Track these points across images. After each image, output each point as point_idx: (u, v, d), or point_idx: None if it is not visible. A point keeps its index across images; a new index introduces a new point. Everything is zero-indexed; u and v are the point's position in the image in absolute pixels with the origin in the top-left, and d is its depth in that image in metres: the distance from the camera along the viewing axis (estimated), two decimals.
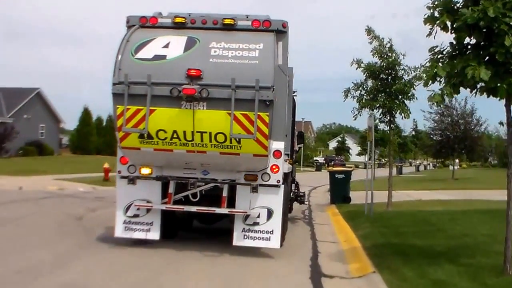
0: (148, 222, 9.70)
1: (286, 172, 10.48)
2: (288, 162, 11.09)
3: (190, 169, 9.63)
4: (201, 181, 9.64)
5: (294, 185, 14.92)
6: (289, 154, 11.52)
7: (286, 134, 10.44)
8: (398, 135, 17.99)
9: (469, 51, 7.53)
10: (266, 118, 8.65)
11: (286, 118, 10.35)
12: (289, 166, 11.34)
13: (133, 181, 9.68)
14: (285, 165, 10.04)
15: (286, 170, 10.42)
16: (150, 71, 8.71)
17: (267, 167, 9.46)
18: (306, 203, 17.01)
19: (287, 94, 10.55)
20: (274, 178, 9.52)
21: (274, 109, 8.85)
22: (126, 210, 9.72)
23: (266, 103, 8.62)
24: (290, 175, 12.44)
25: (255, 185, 9.47)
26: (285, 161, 10.08)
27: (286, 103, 10.41)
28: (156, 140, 8.86)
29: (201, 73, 8.68)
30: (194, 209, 9.66)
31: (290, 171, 12.05)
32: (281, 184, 9.59)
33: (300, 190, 15.89)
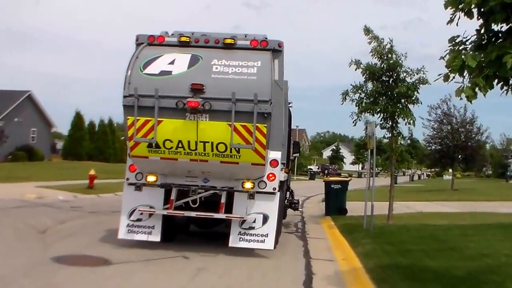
0: (150, 226, 10.25)
1: (282, 180, 11.05)
2: (284, 171, 11.79)
3: (192, 177, 10.25)
4: (201, 188, 10.25)
5: (289, 192, 15.49)
6: (285, 163, 12.12)
7: (282, 144, 11.06)
8: (401, 143, 16.55)
9: (500, 39, 6.18)
10: (264, 129, 9.30)
11: (282, 129, 10.93)
12: (285, 175, 11.95)
13: (139, 188, 10.30)
14: (281, 173, 10.59)
15: (282, 178, 10.99)
16: (157, 85, 9.38)
17: (264, 175, 10.03)
18: (300, 210, 17.42)
19: (283, 106, 11.15)
20: (271, 186, 10.12)
21: (272, 120, 9.50)
22: (130, 215, 10.28)
23: (264, 115, 9.28)
24: (285, 183, 13.03)
25: (252, 192, 10.03)
26: (281, 170, 10.67)
27: (283, 115, 11.00)
28: (163, 149, 9.50)
29: (203, 87, 9.35)
30: (193, 214, 10.26)
31: (286, 179, 12.69)
32: (277, 191, 10.15)
33: (294, 198, 16.35)
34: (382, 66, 15.30)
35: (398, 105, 15.27)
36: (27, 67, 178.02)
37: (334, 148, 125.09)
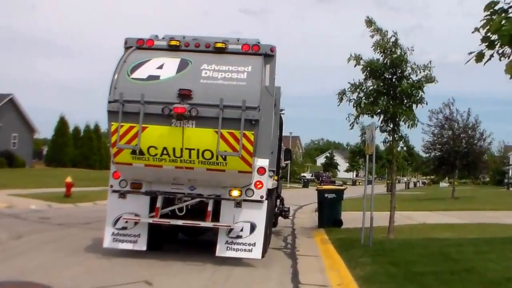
0: (135, 234, 10.01)
1: (271, 188, 10.85)
2: (273, 178, 11.79)
3: (178, 184, 9.99)
4: (187, 196, 10.00)
5: (279, 200, 15.19)
6: (275, 171, 12.21)
7: (271, 151, 10.99)
8: (402, 147, 14.87)
9: None
10: (251, 137, 9.07)
11: (271, 136, 10.78)
12: (273, 182, 11.73)
13: (123, 195, 9.98)
14: (269, 181, 10.41)
15: (270, 186, 10.78)
16: (144, 91, 9.15)
17: (252, 183, 9.80)
18: (290, 218, 16.97)
19: (274, 113, 11.08)
20: (258, 194, 9.85)
21: (260, 128, 9.30)
22: (115, 223, 10.01)
23: (252, 122, 9.05)
24: (275, 191, 12.92)
25: (239, 200, 9.77)
26: (270, 177, 10.59)
27: (273, 122, 10.89)
28: (147, 156, 9.24)
29: (191, 93, 9.13)
30: (180, 222, 9.94)
31: (275, 187, 12.54)
32: (264, 199, 9.90)
33: (285, 205, 15.99)
34: (385, 61, 13.68)
35: (401, 105, 13.65)
36: (9, 70, 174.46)
37: (328, 155, 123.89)
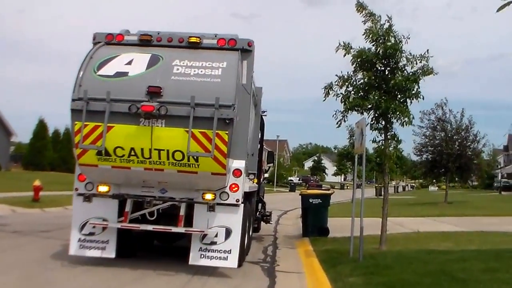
0: (103, 241, 9.55)
1: (248, 191, 10.43)
2: (253, 181, 11.67)
3: (148, 187, 9.54)
4: (158, 199, 9.53)
5: (261, 204, 14.76)
6: (255, 174, 11.94)
7: (250, 153, 10.71)
8: (395, 147, 13.30)
9: None
10: (225, 137, 8.62)
11: (248, 136, 10.37)
12: (251, 185, 11.41)
13: (88, 198, 9.58)
14: (246, 184, 10.04)
15: (247, 189, 10.32)
16: (111, 88, 8.76)
17: (226, 186, 9.34)
18: (271, 223, 16.65)
19: (254, 114, 10.70)
20: (233, 197, 9.39)
21: (235, 127, 8.84)
22: (82, 228, 9.56)
23: (226, 121, 8.61)
24: (255, 195, 12.59)
25: (212, 204, 9.31)
26: (249, 180, 10.42)
27: (252, 122, 10.48)
28: (113, 157, 8.83)
29: (161, 90, 8.73)
30: (150, 227, 9.46)
31: (254, 190, 12.24)
32: (240, 203, 9.43)
33: (266, 210, 15.72)
34: (378, 51, 12.09)
35: (394, 100, 12.08)
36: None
37: (316, 159, 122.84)
